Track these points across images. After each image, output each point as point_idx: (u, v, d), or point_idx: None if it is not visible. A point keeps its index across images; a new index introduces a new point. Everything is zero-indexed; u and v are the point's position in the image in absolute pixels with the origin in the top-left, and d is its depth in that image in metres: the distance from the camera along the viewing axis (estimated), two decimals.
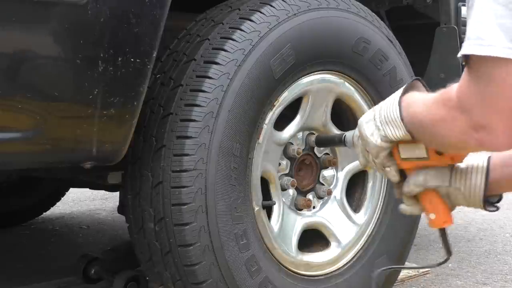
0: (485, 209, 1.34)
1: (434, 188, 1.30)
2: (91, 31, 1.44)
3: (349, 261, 2.06)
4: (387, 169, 1.33)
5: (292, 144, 1.96)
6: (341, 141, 1.59)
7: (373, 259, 2.09)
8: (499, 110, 1.03)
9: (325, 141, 1.88)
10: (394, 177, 1.34)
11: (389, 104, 1.28)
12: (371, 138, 1.30)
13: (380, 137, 1.28)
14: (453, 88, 1.11)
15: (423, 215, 1.37)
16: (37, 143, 1.45)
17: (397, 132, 1.25)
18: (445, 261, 1.39)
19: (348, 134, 1.53)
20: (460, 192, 1.29)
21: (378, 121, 1.29)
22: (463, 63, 1.07)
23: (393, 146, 1.30)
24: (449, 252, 1.36)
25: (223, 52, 1.71)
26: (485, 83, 1.03)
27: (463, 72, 1.07)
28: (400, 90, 1.28)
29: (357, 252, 2.08)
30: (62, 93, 1.45)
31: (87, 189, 3.16)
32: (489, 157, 1.29)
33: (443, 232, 1.36)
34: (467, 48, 1.02)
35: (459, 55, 1.05)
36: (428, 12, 2.42)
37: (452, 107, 1.10)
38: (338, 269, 2.04)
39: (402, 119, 1.23)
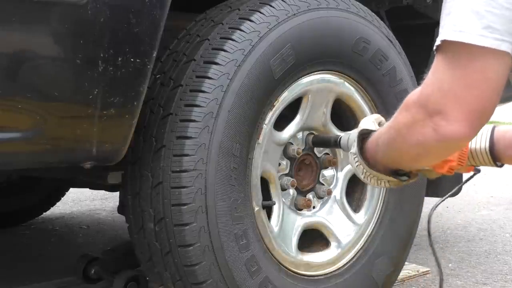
0: (497, 166, 1.37)
1: None
2: (91, 31, 1.44)
3: (349, 261, 2.06)
4: (382, 184, 1.41)
5: (292, 144, 1.96)
6: (336, 144, 1.63)
7: (373, 259, 2.09)
8: (457, 97, 1.02)
9: (321, 142, 1.92)
10: (388, 186, 1.42)
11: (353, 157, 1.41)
12: (357, 169, 1.41)
13: (361, 172, 1.40)
14: (412, 92, 1.14)
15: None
16: (37, 143, 1.45)
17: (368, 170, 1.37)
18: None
19: (343, 137, 1.56)
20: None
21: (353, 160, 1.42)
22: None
23: None
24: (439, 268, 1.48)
25: (223, 52, 1.71)
26: (448, 68, 1.03)
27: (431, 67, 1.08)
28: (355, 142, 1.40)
29: (357, 252, 2.09)
30: (62, 93, 1.45)
31: (87, 189, 3.16)
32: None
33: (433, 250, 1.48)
34: (441, 34, 1.03)
35: (435, 44, 1.05)
36: (428, 12, 2.42)
37: (412, 103, 1.11)
38: (338, 269, 2.04)
39: (368, 164, 1.34)
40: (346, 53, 1.96)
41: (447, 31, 1.01)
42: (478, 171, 1.46)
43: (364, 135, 1.41)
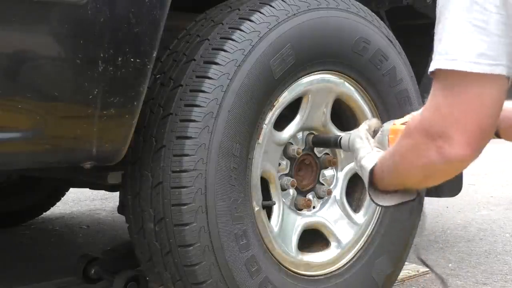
0: None
1: None
2: (91, 31, 1.44)
3: (349, 261, 2.06)
4: None
5: (292, 144, 1.96)
6: (336, 144, 1.64)
7: (373, 259, 2.09)
8: (456, 121, 1.05)
9: (321, 142, 1.93)
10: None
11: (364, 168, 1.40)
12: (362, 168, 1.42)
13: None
14: (414, 116, 1.18)
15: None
16: (37, 143, 1.45)
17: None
18: None
19: (344, 138, 1.57)
20: None
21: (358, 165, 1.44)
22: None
23: None
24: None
25: (223, 52, 1.71)
26: (445, 95, 1.06)
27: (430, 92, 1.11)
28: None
29: (357, 252, 2.08)
30: (62, 93, 1.45)
31: (87, 189, 3.16)
32: None
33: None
34: (436, 62, 1.06)
35: (429, 70, 1.08)
36: (428, 12, 2.42)
37: (414, 128, 1.14)
38: (338, 269, 2.04)
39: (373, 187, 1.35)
40: (346, 53, 1.96)
41: (440, 59, 1.05)
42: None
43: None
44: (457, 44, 1.02)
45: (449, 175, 1.22)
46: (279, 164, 1.95)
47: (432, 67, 1.07)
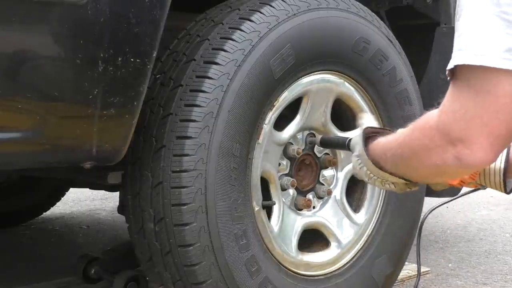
0: (506, 192, 1.38)
1: None
2: (91, 31, 1.44)
3: (349, 261, 2.06)
4: (387, 186, 1.42)
5: (292, 144, 1.96)
6: (345, 146, 1.64)
7: (373, 259, 2.09)
8: (483, 124, 0.99)
9: (329, 143, 1.93)
10: (392, 188, 1.42)
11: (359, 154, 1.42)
12: (360, 171, 1.43)
13: (365, 173, 1.42)
14: (428, 114, 1.12)
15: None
16: (37, 143, 1.45)
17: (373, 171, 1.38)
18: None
19: (354, 140, 1.55)
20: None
21: (357, 161, 1.43)
22: (449, 78, 1.04)
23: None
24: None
25: (223, 52, 1.71)
26: (471, 95, 0.99)
27: (447, 92, 1.05)
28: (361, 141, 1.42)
29: (357, 252, 2.08)
30: (62, 93, 1.45)
31: (87, 189, 3.16)
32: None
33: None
34: (460, 58, 0.99)
35: (449, 67, 1.02)
36: (428, 12, 2.42)
37: (430, 128, 1.09)
38: (338, 269, 2.04)
39: (373, 163, 1.36)
40: (346, 53, 1.96)
41: (466, 55, 0.97)
42: (484, 187, 1.46)
43: (369, 135, 1.41)
44: (485, 39, 0.95)
45: (460, 176, 1.23)
46: (279, 164, 1.95)
47: (453, 63, 1.00)
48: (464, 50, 0.98)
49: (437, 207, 1.63)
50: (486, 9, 0.96)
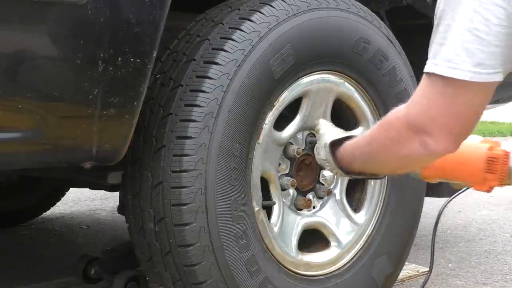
0: None
1: None
2: (91, 31, 1.44)
3: (349, 261, 2.06)
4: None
5: (292, 144, 1.96)
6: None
7: (373, 259, 2.09)
8: (443, 123, 1.14)
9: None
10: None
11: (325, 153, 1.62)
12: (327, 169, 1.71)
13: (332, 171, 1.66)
14: (395, 110, 1.25)
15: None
16: (37, 143, 1.45)
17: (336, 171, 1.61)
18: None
19: (319, 144, 1.75)
20: None
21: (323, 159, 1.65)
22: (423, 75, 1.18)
23: None
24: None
25: (223, 52, 1.71)
26: (437, 97, 1.13)
27: (418, 87, 1.19)
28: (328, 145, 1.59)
29: (357, 252, 2.08)
30: (62, 93, 1.45)
31: (87, 189, 3.16)
32: None
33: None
34: (434, 67, 1.13)
35: (426, 70, 1.15)
36: (428, 12, 2.42)
37: (397, 120, 1.22)
38: (338, 269, 2.04)
39: (338, 165, 1.56)
40: (346, 53, 1.96)
41: (440, 65, 1.11)
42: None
43: (334, 143, 1.58)
44: (458, 52, 1.07)
45: (427, 164, 1.35)
46: (279, 164, 1.95)
47: (430, 69, 1.13)
48: (440, 60, 1.12)
49: (452, 199, 1.79)
50: (462, 24, 1.07)
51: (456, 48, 1.07)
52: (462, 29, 1.06)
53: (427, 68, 1.15)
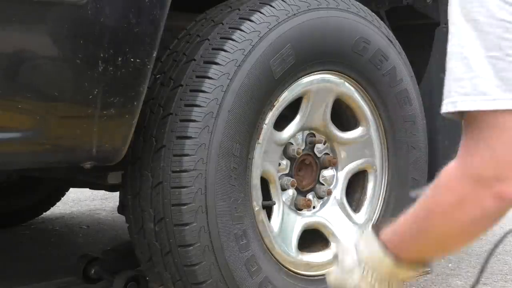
0: None
1: None
2: (91, 31, 1.44)
3: None
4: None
5: (292, 144, 1.96)
6: None
7: None
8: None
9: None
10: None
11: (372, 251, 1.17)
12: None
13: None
14: (444, 172, 1.04)
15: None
16: (37, 143, 1.45)
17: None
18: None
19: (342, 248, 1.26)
20: None
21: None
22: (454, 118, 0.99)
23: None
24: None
25: (223, 52, 1.71)
26: (497, 133, 0.95)
27: (462, 138, 1.00)
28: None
29: None
30: (62, 93, 1.45)
31: (87, 189, 3.15)
32: None
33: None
34: (468, 104, 0.95)
35: (452, 110, 0.97)
36: (428, 12, 2.42)
37: (456, 180, 1.01)
38: None
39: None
40: (346, 53, 1.96)
41: (477, 100, 0.95)
42: None
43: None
44: (491, 83, 0.93)
45: (499, 220, 1.07)
46: (279, 164, 1.95)
47: (465, 107, 0.95)
48: (472, 96, 0.95)
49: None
50: (483, 52, 0.95)
51: (490, 78, 0.94)
52: (490, 57, 0.95)
53: (462, 107, 0.96)
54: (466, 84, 0.96)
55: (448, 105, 0.98)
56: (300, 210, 2.01)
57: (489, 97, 0.94)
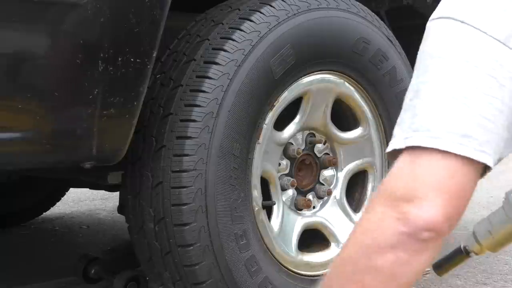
0: None
1: None
2: (91, 31, 1.44)
3: None
4: None
5: (292, 144, 1.96)
6: (461, 251, 1.32)
7: None
8: (435, 180, 0.84)
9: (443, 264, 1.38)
10: None
11: None
12: None
13: None
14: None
15: None
16: (37, 143, 1.45)
17: None
18: None
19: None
20: None
21: None
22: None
23: None
24: None
25: (223, 52, 1.71)
26: (418, 165, 0.86)
27: (392, 167, 0.89)
28: None
29: None
30: (62, 93, 1.45)
31: (87, 189, 3.16)
32: None
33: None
34: (413, 139, 0.87)
35: (399, 146, 0.88)
36: (428, 12, 2.42)
37: (371, 202, 0.90)
38: None
39: None
40: (346, 53, 1.96)
41: (420, 136, 0.87)
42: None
43: None
44: (438, 122, 0.86)
45: (416, 248, 0.86)
46: (279, 164, 1.95)
47: (407, 143, 0.87)
48: (418, 131, 0.87)
49: None
50: (445, 91, 0.87)
51: (439, 117, 0.86)
52: (444, 96, 0.87)
53: (409, 142, 0.87)
54: (412, 117, 0.91)
55: (402, 141, 0.89)
56: (300, 210, 2.01)
57: (431, 134, 0.86)
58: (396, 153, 0.90)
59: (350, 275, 0.89)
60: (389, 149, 0.91)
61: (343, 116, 2.11)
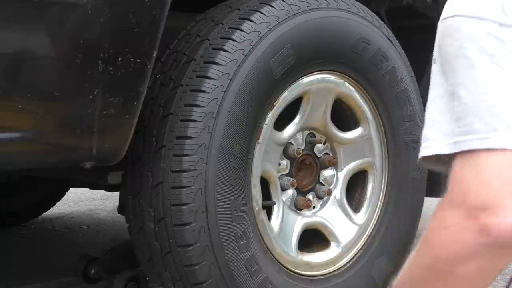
0: None
1: None
2: (91, 31, 1.44)
3: (349, 261, 2.06)
4: None
5: (292, 144, 1.96)
6: None
7: (373, 259, 2.09)
8: (505, 188, 0.82)
9: None
10: None
11: None
12: None
13: None
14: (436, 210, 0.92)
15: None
16: (37, 143, 1.45)
17: None
18: None
19: None
20: None
21: None
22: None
23: None
24: None
25: (223, 52, 1.71)
26: (481, 169, 0.84)
27: (452, 173, 0.87)
28: None
29: (357, 252, 2.08)
30: (62, 93, 1.45)
31: (87, 189, 3.16)
32: None
33: None
34: (463, 144, 0.85)
35: (447, 151, 0.87)
36: (428, 12, 2.42)
37: (440, 212, 0.88)
38: (338, 269, 2.04)
39: None
40: (346, 53, 1.96)
41: (468, 139, 0.85)
42: None
43: None
44: (484, 121, 0.84)
45: (496, 258, 0.93)
46: (279, 164, 1.95)
47: (460, 147, 0.85)
48: (466, 135, 0.86)
49: None
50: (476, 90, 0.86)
51: (482, 116, 0.85)
52: (479, 97, 0.86)
53: (458, 147, 0.85)
54: (459, 124, 0.88)
55: (448, 146, 0.87)
56: (300, 210, 2.01)
57: (480, 135, 0.85)
58: (432, 157, 0.88)
59: (433, 281, 0.91)
60: (429, 153, 0.89)
61: (343, 116, 2.11)
